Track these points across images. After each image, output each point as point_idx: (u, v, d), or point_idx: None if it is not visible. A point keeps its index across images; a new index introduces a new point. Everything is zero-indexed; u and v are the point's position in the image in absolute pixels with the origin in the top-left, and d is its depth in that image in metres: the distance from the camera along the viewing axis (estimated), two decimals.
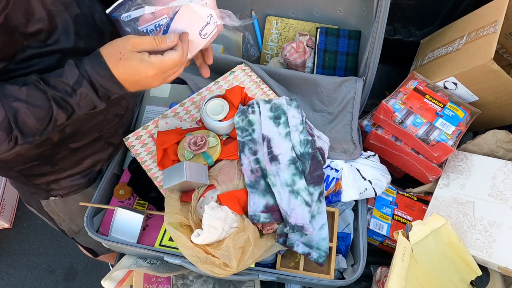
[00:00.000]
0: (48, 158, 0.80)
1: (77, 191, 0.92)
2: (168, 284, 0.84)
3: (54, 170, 0.84)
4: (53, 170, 0.84)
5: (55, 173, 0.85)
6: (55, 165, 0.83)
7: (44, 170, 0.83)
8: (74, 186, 0.90)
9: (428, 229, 0.79)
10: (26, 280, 1.71)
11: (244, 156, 0.81)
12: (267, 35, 1.15)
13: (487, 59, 0.83)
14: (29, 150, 0.75)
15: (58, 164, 0.83)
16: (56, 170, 0.84)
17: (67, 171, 0.86)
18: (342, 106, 1.01)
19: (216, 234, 0.71)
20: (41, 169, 0.82)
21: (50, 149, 0.78)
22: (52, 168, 0.83)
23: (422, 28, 1.30)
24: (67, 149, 0.81)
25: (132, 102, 0.93)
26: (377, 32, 0.94)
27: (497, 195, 0.85)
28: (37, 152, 0.76)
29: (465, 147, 0.98)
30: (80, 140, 0.81)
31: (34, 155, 0.77)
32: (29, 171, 0.81)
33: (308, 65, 1.10)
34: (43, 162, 0.80)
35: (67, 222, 1.02)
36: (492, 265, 0.78)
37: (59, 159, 0.82)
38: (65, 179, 0.88)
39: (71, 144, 0.80)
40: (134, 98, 0.95)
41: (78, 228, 1.05)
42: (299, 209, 0.77)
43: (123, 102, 0.88)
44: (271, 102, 0.87)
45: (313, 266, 0.82)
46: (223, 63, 1.04)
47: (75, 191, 0.92)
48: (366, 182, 0.87)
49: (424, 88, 0.97)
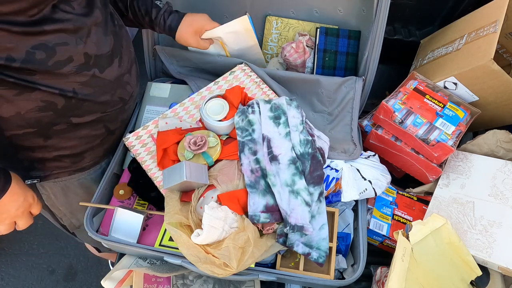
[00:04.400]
0: (46, 128, 0.79)
1: (59, 175, 0.90)
2: (168, 284, 0.84)
3: (45, 145, 0.82)
4: (45, 145, 0.82)
5: (44, 150, 0.83)
6: (48, 139, 0.81)
7: (36, 142, 0.81)
8: (58, 169, 0.88)
9: (428, 229, 0.79)
10: (26, 280, 1.71)
11: (244, 156, 0.81)
12: (267, 35, 1.15)
13: (487, 59, 0.83)
14: (30, 111, 0.74)
15: (51, 138, 0.81)
16: (47, 146, 0.82)
17: (57, 151, 0.85)
18: (342, 106, 1.01)
19: (216, 234, 0.71)
20: (33, 140, 0.80)
21: (51, 116, 0.77)
22: (44, 142, 0.82)
23: (422, 28, 1.30)
24: (67, 122, 0.80)
25: (135, 90, 0.94)
26: (377, 32, 0.94)
27: (497, 195, 0.85)
28: (38, 116, 0.75)
29: (465, 147, 0.98)
30: (83, 116, 0.81)
31: (33, 119, 0.76)
32: (20, 139, 0.79)
33: (308, 65, 1.10)
34: (38, 132, 0.79)
35: (68, 217, 1.02)
36: (492, 265, 0.78)
37: (55, 132, 0.81)
38: (51, 160, 0.86)
39: (72, 117, 0.80)
40: (137, 87, 0.96)
41: (79, 223, 1.05)
42: (299, 209, 0.77)
43: (128, 87, 0.89)
44: (271, 102, 0.87)
45: (313, 266, 0.82)
46: (222, 65, 1.04)
47: (56, 175, 0.90)
48: (366, 182, 0.87)
49: (424, 88, 0.97)
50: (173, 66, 1.09)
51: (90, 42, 0.75)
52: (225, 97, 0.88)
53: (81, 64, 0.75)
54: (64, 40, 0.70)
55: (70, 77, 0.74)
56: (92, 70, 0.77)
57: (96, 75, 0.78)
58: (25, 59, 0.67)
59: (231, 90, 0.88)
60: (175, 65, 1.09)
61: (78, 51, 0.73)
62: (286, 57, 1.10)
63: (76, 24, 0.71)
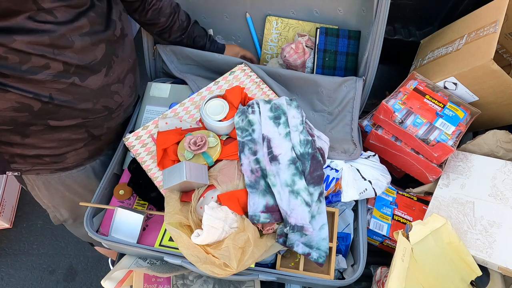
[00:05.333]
0: (22, 127, 0.77)
1: (40, 172, 0.89)
2: (168, 284, 0.84)
3: (23, 143, 0.81)
4: (23, 143, 0.81)
5: (23, 147, 0.82)
6: (26, 138, 0.80)
7: (13, 139, 0.79)
8: (38, 165, 0.87)
9: (428, 229, 0.80)
10: (26, 280, 1.71)
11: (244, 156, 0.81)
12: (267, 35, 1.15)
13: (487, 59, 0.83)
14: (5, 110, 0.72)
15: (29, 137, 0.80)
16: (25, 144, 0.81)
17: (37, 149, 0.83)
18: (342, 106, 1.01)
19: (216, 234, 0.71)
20: (10, 137, 0.79)
21: (27, 117, 0.75)
22: (22, 140, 0.80)
23: (422, 28, 1.30)
24: (45, 124, 0.78)
25: (127, 100, 0.92)
26: (377, 32, 0.94)
27: (497, 195, 0.85)
28: (13, 115, 0.73)
29: (465, 147, 0.98)
30: (61, 120, 0.79)
31: (8, 118, 0.74)
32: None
33: (308, 65, 1.10)
34: (15, 130, 0.77)
35: (52, 210, 1.02)
36: (492, 265, 0.78)
37: (32, 132, 0.79)
38: (31, 157, 0.85)
39: (50, 120, 0.78)
40: (131, 97, 0.94)
41: (63, 218, 1.05)
42: (299, 209, 0.77)
43: (116, 97, 0.87)
44: (271, 102, 0.87)
45: (313, 266, 0.82)
46: (223, 63, 1.04)
47: (37, 171, 0.88)
48: (366, 182, 0.87)
49: (424, 88, 0.97)
50: (173, 64, 1.09)
51: (71, 52, 0.72)
52: (225, 97, 0.88)
53: (59, 72, 0.72)
54: (39, 52, 0.68)
55: (46, 83, 0.72)
56: (71, 78, 0.75)
57: (76, 83, 0.76)
58: None
59: (231, 90, 0.88)
60: (175, 63, 1.09)
61: (57, 60, 0.71)
62: (286, 58, 1.10)
63: (54, 35, 0.69)
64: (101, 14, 0.78)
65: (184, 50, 1.06)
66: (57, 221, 1.07)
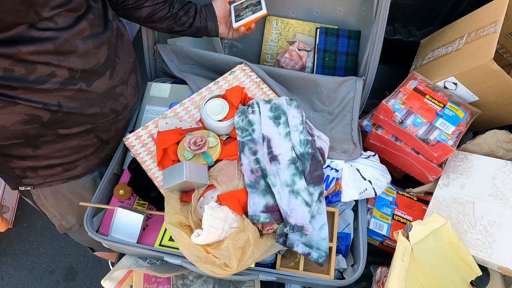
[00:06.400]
0: (33, 139, 0.78)
1: (53, 183, 0.89)
2: (168, 284, 0.84)
3: (35, 154, 0.81)
4: (34, 155, 0.81)
5: (35, 159, 0.82)
6: (37, 149, 0.80)
7: (25, 152, 0.80)
8: (51, 177, 0.88)
9: (428, 229, 0.80)
10: (26, 280, 1.71)
11: (244, 156, 0.81)
12: (267, 35, 1.15)
13: (487, 59, 0.83)
14: (15, 123, 0.73)
15: (40, 149, 0.80)
16: (36, 156, 0.82)
17: (48, 160, 0.84)
18: (342, 106, 1.01)
19: (216, 234, 0.71)
20: (21, 150, 0.79)
21: (37, 128, 0.76)
22: (34, 152, 0.80)
23: (422, 28, 1.30)
24: (55, 133, 0.79)
25: (131, 101, 0.93)
26: (377, 32, 0.94)
27: (497, 195, 0.85)
28: (23, 128, 0.74)
29: (465, 147, 0.98)
30: (70, 127, 0.80)
31: (19, 131, 0.74)
32: (8, 149, 0.78)
33: (308, 65, 1.10)
34: (26, 143, 0.78)
35: (58, 218, 1.01)
36: (492, 265, 0.78)
37: (43, 143, 0.79)
38: (43, 168, 0.85)
39: (60, 129, 0.78)
40: (135, 97, 0.95)
41: (69, 225, 1.05)
42: (299, 209, 0.77)
43: (122, 99, 0.88)
44: (271, 102, 0.87)
45: (313, 266, 0.82)
46: (223, 63, 1.04)
47: (50, 183, 0.89)
48: (366, 182, 0.87)
49: (424, 88, 0.97)
50: (173, 64, 1.09)
51: (75, 57, 0.73)
52: (225, 97, 0.88)
53: (66, 79, 0.73)
54: (44, 60, 0.68)
55: (54, 92, 0.72)
56: (78, 84, 0.75)
57: (83, 89, 0.76)
58: (3, 76, 0.66)
59: (231, 90, 0.88)
60: (176, 62, 1.09)
61: (62, 67, 0.71)
62: (284, 67, 1.10)
63: (58, 42, 0.69)
64: (99, 15, 0.78)
65: (184, 50, 1.06)
66: (63, 229, 1.06)
